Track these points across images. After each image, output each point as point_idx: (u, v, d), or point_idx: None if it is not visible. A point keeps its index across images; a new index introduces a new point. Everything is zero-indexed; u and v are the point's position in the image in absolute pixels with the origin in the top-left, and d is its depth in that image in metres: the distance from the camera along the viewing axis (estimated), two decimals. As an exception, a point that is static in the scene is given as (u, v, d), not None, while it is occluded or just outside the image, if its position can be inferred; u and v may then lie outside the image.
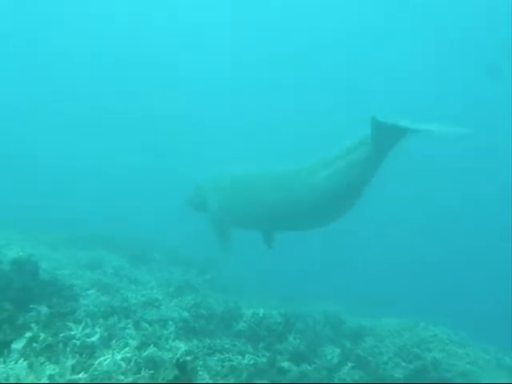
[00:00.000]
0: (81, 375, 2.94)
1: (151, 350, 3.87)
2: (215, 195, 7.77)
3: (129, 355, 3.28)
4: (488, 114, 28.27)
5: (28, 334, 3.54)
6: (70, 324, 3.99)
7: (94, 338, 3.84)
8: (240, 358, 4.26)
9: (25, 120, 28.27)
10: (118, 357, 3.18)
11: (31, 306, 4.29)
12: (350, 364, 4.57)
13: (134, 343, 3.56)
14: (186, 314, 5.08)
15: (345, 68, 33.25)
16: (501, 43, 24.44)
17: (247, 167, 8.12)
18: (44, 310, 4.20)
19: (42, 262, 5.12)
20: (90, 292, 5.16)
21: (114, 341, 4.10)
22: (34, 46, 31.27)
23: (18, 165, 22.63)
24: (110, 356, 3.16)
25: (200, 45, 35.05)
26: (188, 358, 3.47)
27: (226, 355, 4.31)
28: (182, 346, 3.98)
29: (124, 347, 3.96)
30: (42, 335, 3.58)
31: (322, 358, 4.98)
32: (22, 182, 20.21)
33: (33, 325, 3.69)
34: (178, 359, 3.24)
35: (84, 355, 3.62)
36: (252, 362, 4.21)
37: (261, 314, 5.21)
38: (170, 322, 4.89)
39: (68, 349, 3.41)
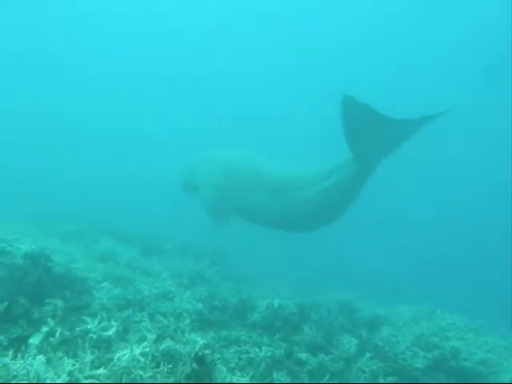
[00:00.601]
0: (100, 370, 2.90)
1: (168, 343, 3.82)
2: (207, 185, 7.97)
3: (147, 349, 3.23)
4: (487, 115, 28.51)
5: (45, 329, 3.52)
6: (86, 318, 3.95)
7: (111, 332, 3.80)
8: (257, 350, 4.21)
9: (37, 117, 28.18)
10: (137, 351, 3.14)
11: (46, 300, 4.27)
12: (368, 354, 4.51)
13: (151, 337, 3.51)
14: (200, 306, 5.03)
15: (345, 68, 33.08)
16: (500, 44, 24.36)
17: (237, 154, 8.21)
18: (59, 303, 4.17)
19: (54, 255, 5.06)
20: (103, 285, 5.12)
21: (129, 334, 4.07)
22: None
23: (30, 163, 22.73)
24: (128, 351, 3.11)
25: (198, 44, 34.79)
26: (207, 352, 3.42)
27: (243, 347, 4.26)
28: (199, 339, 3.93)
29: (140, 341, 3.93)
30: (59, 329, 3.55)
31: (338, 348, 4.92)
32: (34, 177, 20.29)
33: (49, 319, 3.66)
34: (196, 353, 3.19)
35: (101, 349, 3.59)
36: (269, 353, 4.17)
37: (276, 305, 5.15)
38: (185, 314, 4.85)
39: (86, 343, 3.37)
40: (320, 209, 6.73)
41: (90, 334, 3.65)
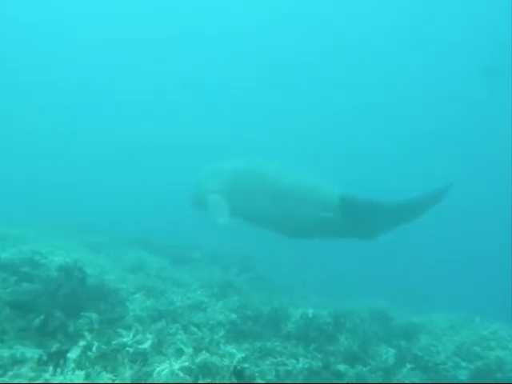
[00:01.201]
0: (140, 386, 2.86)
1: (204, 355, 3.77)
2: (215, 203, 7.88)
3: (186, 364, 3.18)
4: (487, 115, 28.15)
5: (82, 343, 3.51)
6: (121, 330, 3.94)
7: (146, 345, 3.77)
8: (294, 361, 4.11)
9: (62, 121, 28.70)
10: (176, 366, 3.09)
11: (82, 313, 4.28)
12: (408, 365, 4.35)
13: (189, 351, 3.46)
14: (233, 317, 4.97)
15: (343, 68, 32.93)
16: (500, 43, 24.00)
17: (242, 165, 8.20)
18: (94, 316, 4.17)
19: (87, 267, 5.09)
20: (136, 296, 5.12)
21: (165, 346, 4.03)
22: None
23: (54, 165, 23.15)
24: (167, 365, 3.06)
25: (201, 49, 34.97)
26: (245, 365, 3.35)
27: (279, 359, 4.17)
28: (235, 351, 3.85)
29: (176, 353, 3.89)
30: (96, 343, 3.53)
31: (376, 359, 4.78)
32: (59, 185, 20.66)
33: (86, 333, 3.66)
34: (235, 367, 3.12)
35: (138, 363, 3.56)
36: (307, 365, 4.06)
37: (310, 315, 5.04)
38: (218, 325, 4.80)
39: (125, 359, 3.35)
40: (315, 228, 7.30)
41: (127, 348, 3.62)
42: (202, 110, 32.62)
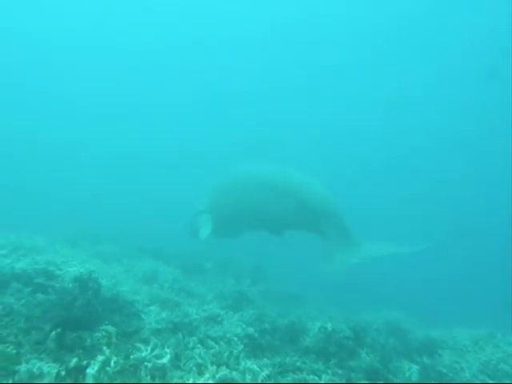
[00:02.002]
0: (162, 405, 2.75)
1: (224, 371, 3.66)
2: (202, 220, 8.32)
3: (211, 381, 3.07)
4: (489, 117, 28.18)
5: (100, 358, 3.41)
6: (139, 345, 3.84)
7: (165, 360, 3.67)
8: (316, 377, 3.98)
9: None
10: (201, 380, 2.97)
11: (98, 326, 4.19)
12: (433, 382, 4.20)
13: (212, 369, 3.35)
14: (251, 330, 4.85)
15: (346, 69, 32.95)
16: (501, 46, 24.07)
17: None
18: (110, 329, 4.08)
19: (101, 278, 5.00)
20: (151, 308, 5.02)
21: (183, 361, 3.92)
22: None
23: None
24: (192, 381, 2.95)
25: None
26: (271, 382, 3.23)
27: (300, 375, 4.04)
28: (256, 368, 3.74)
29: (195, 368, 3.78)
30: (114, 358, 3.43)
31: (398, 375, 4.63)
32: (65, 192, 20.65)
33: (104, 347, 3.56)
34: (260, 385, 3.01)
35: (157, 379, 3.45)
36: (329, 382, 3.93)
37: (329, 329, 4.90)
38: (236, 339, 4.68)
39: (144, 374, 3.24)
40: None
41: (145, 363, 3.51)
42: (207, 116, 32.71)
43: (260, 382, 3.30)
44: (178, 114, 33.51)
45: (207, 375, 3.25)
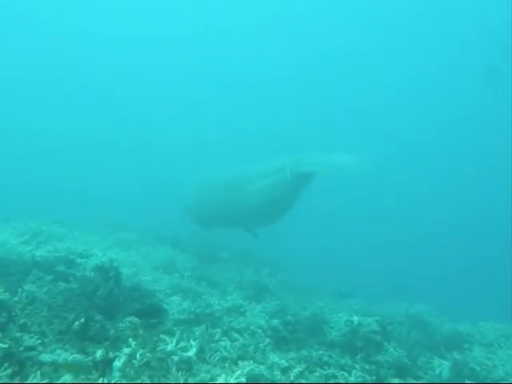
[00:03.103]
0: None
1: (251, 365, 3.55)
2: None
3: (243, 379, 2.95)
4: (488, 116, 28.01)
5: (126, 350, 3.31)
6: (164, 337, 3.74)
7: (191, 353, 3.56)
8: (345, 374, 3.84)
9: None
10: (232, 380, 2.86)
11: (121, 316, 4.10)
12: (467, 381, 4.04)
13: (244, 366, 3.23)
14: (275, 322, 4.73)
15: (346, 69, 32.57)
16: (500, 45, 23.71)
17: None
18: (134, 320, 3.98)
19: (122, 267, 4.91)
20: (173, 298, 4.92)
21: (207, 353, 3.82)
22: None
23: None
24: (222, 380, 2.84)
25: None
26: (302, 382, 3.10)
27: (329, 371, 3.91)
28: (285, 363, 3.62)
29: (221, 362, 3.68)
30: (140, 351, 3.33)
31: (427, 371, 4.48)
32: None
33: (130, 339, 3.46)
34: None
35: (184, 372, 3.35)
36: (360, 379, 3.80)
37: (356, 322, 4.76)
38: (260, 331, 4.57)
39: (170, 368, 3.14)
40: (263, 202, 8.25)
41: (172, 356, 3.41)
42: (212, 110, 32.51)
43: (292, 379, 3.18)
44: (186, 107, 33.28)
45: (239, 372, 3.13)
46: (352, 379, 3.78)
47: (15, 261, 5.05)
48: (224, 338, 4.04)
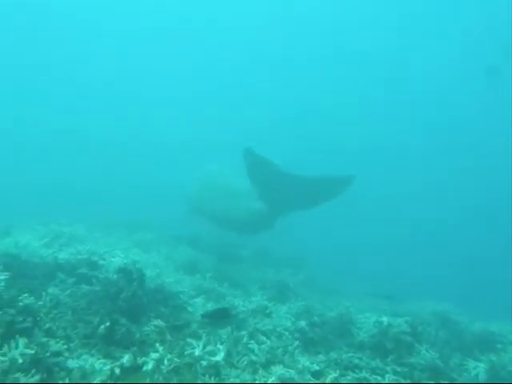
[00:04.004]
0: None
1: (281, 370, 3.44)
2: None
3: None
4: (488, 115, 27.77)
5: (154, 355, 3.22)
6: (191, 340, 3.65)
7: (219, 358, 3.46)
8: (378, 378, 3.70)
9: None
10: (266, 388, 2.75)
11: (146, 319, 4.03)
12: (506, 384, 3.87)
13: (270, 368, 3.12)
14: (302, 324, 4.61)
15: (345, 69, 32.56)
16: (500, 44, 23.39)
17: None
18: (160, 324, 3.90)
19: (145, 269, 4.84)
20: (197, 300, 4.83)
21: (235, 357, 3.72)
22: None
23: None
24: (256, 387, 2.73)
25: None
26: (339, 387, 2.98)
27: (360, 374, 3.77)
28: (316, 367, 3.50)
29: (249, 366, 3.57)
30: (168, 356, 3.24)
31: (462, 374, 4.32)
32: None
33: (157, 344, 3.38)
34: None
35: (212, 377, 3.26)
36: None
37: (385, 323, 4.61)
38: (287, 333, 4.46)
39: (197, 371, 3.05)
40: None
41: (200, 361, 3.31)
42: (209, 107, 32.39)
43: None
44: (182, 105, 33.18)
45: (273, 378, 3.02)
46: (386, 383, 3.64)
47: (38, 263, 5.02)
48: (251, 341, 3.93)
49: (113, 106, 31.70)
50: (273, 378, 2.99)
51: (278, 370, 3.42)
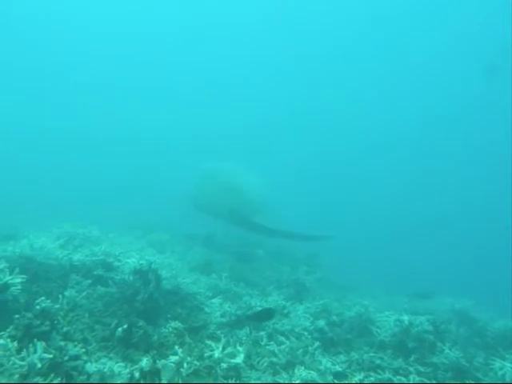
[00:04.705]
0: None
1: (302, 372, 3.35)
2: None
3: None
4: (487, 114, 27.52)
5: (173, 358, 3.17)
6: (209, 342, 3.58)
7: (239, 360, 3.39)
8: (403, 379, 3.60)
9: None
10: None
11: (163, 321, 3.98)
12: (535, 385, 3.74)
13: (293, 371, 3.04)
14: (321, 324, 4.52)
15: (344, 68, 32.56)
16: (500, 43, 23.24)
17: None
18: (178, 325, 3.84)
19: (161, 269, 4.79)
20: (214, 301, 4.77)
21: (257, 360, 3.64)
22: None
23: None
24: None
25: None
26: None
27: (384, 375, 3.67)
28: (338, 368, 3.41)
29: (269, 368, 3.50)
30: (188, 359, 3.18)
31: (488, 374, 4.18)
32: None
33: (176, 347, 3.32)
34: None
35: (233, 379, 3.19)
36: (419, 384, 3.55)
37: (406, 322, 4.50)
38: (306, 333, 4.37)
39: (217, 374, 2.98)
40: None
41: (220, 364, 3.25)
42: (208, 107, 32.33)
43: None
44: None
45: (298, 382, 2.94)
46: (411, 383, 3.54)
47: (53, 265, 4.99)
48: (271, 342, 3.85)
49: (116, 106, 31.78)
50: (297, 381, 2.90)
51: (301, 373, 3.33)
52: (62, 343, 3.20)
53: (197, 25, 33.98)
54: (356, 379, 3.20)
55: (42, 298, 3.46)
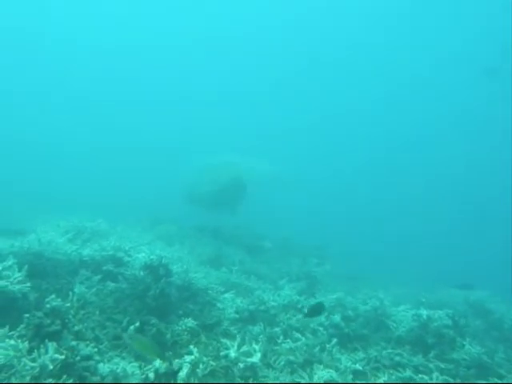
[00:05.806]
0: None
1: (321, 371, 3.24)
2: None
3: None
4: (487, 114, 27.59)
5: (188, 358, 3.06)
6: (225, 341, 3.47)
7: (256, 359, 3.28)
8: (425, 377, 3.48)
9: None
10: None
11: (176, 318, 3.87)
12: (562, 382, 3.62)
13: (313, 370, 2.93)
14: (337, 319, 4.40)
15: (344, 68, 32.42)
16: (500, 44, 23.29)
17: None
18: (191, 323, 3.74)
19: (172, 264, 4.68)
20: (226, 296, 4.66)
21: (273, 358, 3.53)
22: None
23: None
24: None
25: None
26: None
27: (404, 373, 3.55)
28: (359, 367, 3.29)
29: (287, 367, 3.38)
30: (204, 359, 3.07)
31: (510, 370, 4.06)
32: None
33: (191, 346, 3.21)
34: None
35: (249, 379, 3.08)
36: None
37: (425, 317, 4.37)
38: (321, 329, 4.26)
39: (234, 374, 2.87)
40: None
41: (237, 364, 3.14)
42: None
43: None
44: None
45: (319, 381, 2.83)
46: (434, 383, 3.42)
47: (62, 260, 4.89)
48: (287, 340, 3.74)
49: (121, 107, 31.70)
50: (318, 382, 2.78)
51: (320, 372, 3.22)
52: (74, 343, 3.09)
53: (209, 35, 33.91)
54: (381, 380, 3.08)
55: (52, 295, 3.35)
